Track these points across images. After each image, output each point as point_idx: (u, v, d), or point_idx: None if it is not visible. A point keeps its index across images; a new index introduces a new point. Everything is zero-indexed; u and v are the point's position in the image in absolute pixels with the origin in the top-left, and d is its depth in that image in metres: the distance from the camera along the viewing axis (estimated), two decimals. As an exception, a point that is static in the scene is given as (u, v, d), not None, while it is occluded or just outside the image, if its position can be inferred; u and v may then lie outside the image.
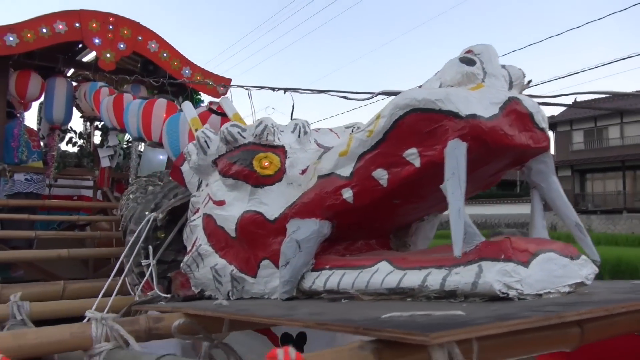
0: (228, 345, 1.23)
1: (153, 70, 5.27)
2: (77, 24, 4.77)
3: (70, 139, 5.63)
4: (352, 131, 1.47)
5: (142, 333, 1.12)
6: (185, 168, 1.63)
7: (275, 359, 0.53)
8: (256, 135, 1.28)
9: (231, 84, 2.25)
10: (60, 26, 4.67)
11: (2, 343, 0.97)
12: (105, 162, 5.23)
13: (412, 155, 0.97)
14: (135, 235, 1.75)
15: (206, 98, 5.70)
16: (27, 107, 5.89)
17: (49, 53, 4.95)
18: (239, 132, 1.29)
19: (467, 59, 0.94)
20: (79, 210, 5.44)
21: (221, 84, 5.36)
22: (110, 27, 4.88)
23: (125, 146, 5.69)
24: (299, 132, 1.35)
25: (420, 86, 1.08)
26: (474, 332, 0.54)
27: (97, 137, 6.06)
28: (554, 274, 0.86)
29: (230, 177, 1.31)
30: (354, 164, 1.08)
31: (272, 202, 1.26)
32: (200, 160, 1.43)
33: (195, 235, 1.50)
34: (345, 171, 1.11)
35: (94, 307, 1.55)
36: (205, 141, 1.39)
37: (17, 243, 4.50)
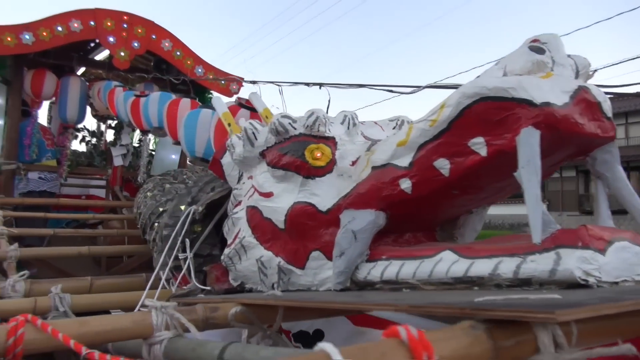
0: (279, 335, 1.23)
1: (166, 69, 5.28)
2: (92, 23, 4.79)
3: (84, 137, 5.63)
4: (397, 124, 1.47)
5: (200, 322, 1.12)
6: (225, 161, 1.64)
7: (397, 335, 0.53)
8: (307, 126, 1.29)
9: (260, 80, 2.25)
10: (76, 24, 4.68)
11: (68, 329, 0.97)
12: (118, 161, 5.25)
13: (478, 145, 0.97)
14: (176, 228, 1.75)
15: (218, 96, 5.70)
16: (38, 105, 5.90)
17: (62, 52, 4.96)
18: (289, 123, 1.30)
19: (536, 48, 0.94)
20: (89, 209, 5.46)
21: (235, 81, 5.38)
22: (125, 25, 4.90)
23: (137, 145, 5.69)
24: (348, 123, 1.35)
25: (478, 76, 1.08)
26: (595, 311, 0.54)
27: (109, 136, 6.08)
28: (629, 261, 0.86)
29: (280, 168, 1.31)
30: (414, 154, 1.09)
31: (323, 194, 1.26)
32: (247, 152, 1.43)
33: (238, 228, 1.50)
34: (404, 161, 1.11)
35: (142, 299, 1.55)
36: (253, 133, 1.39)
37: (30, 241, 4.50)
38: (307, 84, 1.91)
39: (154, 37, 5.06)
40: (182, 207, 1.85)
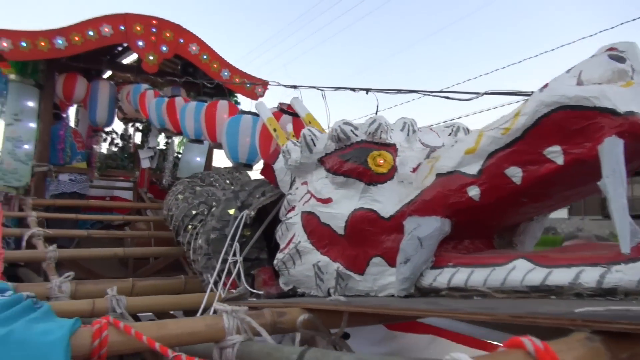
0: (343, 340, 1.24)
1: (192, 72, 5.35)
2: (122, 27, 4.87)
3: (112, 140, 5.72)
4: (452, 130, 1.48)
5: (268, 327, 1.14)
6: (277, 166, 1.66)
7: (521, 346, 0.54)
8: (369, 133, 1.30)
9: (303, 84, 2.27)
10: (106, 29, 4.77)
11: (148, 332, 0.99)
12: (145, 163, 5.32)
13: (554, 153, 0.97)
14: (231, 232, 1.77)
15: (242, 99, 5.76)
16: (66, 108, 6.02)
17: (91, 55, 5.06)
18: (351, 130, 1.31)
19: (617, 56, 0.94)
20: (113, 210, 5.54)
21: (259, 84, 5.42)
22: (154, 30, 4.97)
23: (163, 148, 5.77)
24: (408, 130, 1.36)
25: (546, 85, 1.08)
26: None
27: (136, 138, 6.17)
28: None
29: (341, 174, 1.32)
30: (483, 162, 1.09)
31: (385, 200, 1.27)
32: (304, 158, 1.45)
33: (292, 233, 1.52)
34: (472, 169, 1.11)
35: (204, 303, 1.57)
36: (312, 139, 1.41)
37: (61, 242, 4.59)
38: (354, 89, 1.92)
39: (181, 41, 5.13)
40: (231, 211, 1.87)
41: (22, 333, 0.92)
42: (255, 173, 2.33)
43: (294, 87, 2.17)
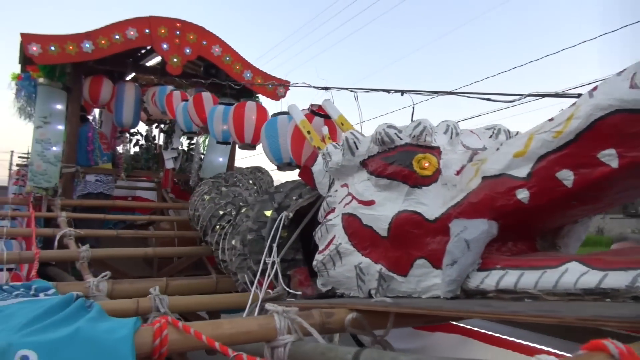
0: (388, 341, 1.25)
1: (214, 73, 5.41)
2: (147, 30, 4.95)
3: (137, 141, 5.81)
4: (493, 132, 1.48)
5: (317, 327, 1.16)
6: (316, 169, 1.68)
7: (604, 349, 0.54)
8: (414, 136, 1.31)
9: (328, 85, 2.29)
10: (132, 32, 4.85)
11: (205, 331, 1.02)
12: (169, 164, 5.40)
13: (609, 157, 0.97)
14: (271, 233, 1.80)
15: (263, 100, 5.81)
16: (90, 110, 6.13)
17: (116, 58, 5.15)
18: (395, 133, 1.32)
19: (674, 59, 0.94)
20: (135, 210, 5.64)
21: (281, 85, 5.46)
22: (177, 32, 5.04)
23: (186, 149, 5.84)
24: (451, 133, 1.37)
25: (595, 88, 1.08)
26: None
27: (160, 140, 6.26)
28: None
29: (385, 177, 1.33)
30: (533, 165, 1.09)
31: (430, 203, 1.28)
32: (346, 160, 1.47)
33: (332, 234, 1.54)
34: (521, 172, 1.12)
35: (249, 304, 1.60)
36: (354, 142, 1.42)
37: (88, 241, 4.68)
38: (388, 91, 1.93)
39: (204, 43, 5.19)
40: (267, 213, 1.90)
41: (88, 331, 0.96)
42: (293, 174, 2.36)
43: (325, 88, 2.18)
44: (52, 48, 4.48)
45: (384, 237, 1.36)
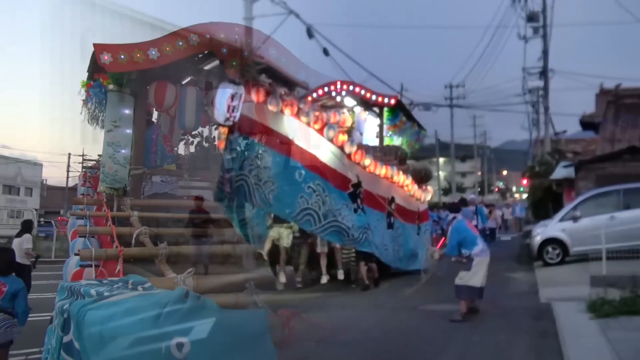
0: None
1: (271, 75, 5.55)
2: (207, 36, 5.15)
3: (198, 142, 6.05)
4: None
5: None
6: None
7: None
8: None
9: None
10: (194, 38, 5.06)
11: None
12: (228, 164, 5.57)
13: None
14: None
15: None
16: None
17: (177, 63, 5.37)
18: None
19: None
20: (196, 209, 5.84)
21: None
22: (236, 37, 5.21)
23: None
24: None
25: None
26: None
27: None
28: None
29: None
30: None
31: None
32: None
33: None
34: None
35: None
36: None
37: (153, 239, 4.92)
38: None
39: (261, 46, 5.34)
40: None
41: (225, 321, 1.05)
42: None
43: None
44: (122, 56, 4.74)
45: None
